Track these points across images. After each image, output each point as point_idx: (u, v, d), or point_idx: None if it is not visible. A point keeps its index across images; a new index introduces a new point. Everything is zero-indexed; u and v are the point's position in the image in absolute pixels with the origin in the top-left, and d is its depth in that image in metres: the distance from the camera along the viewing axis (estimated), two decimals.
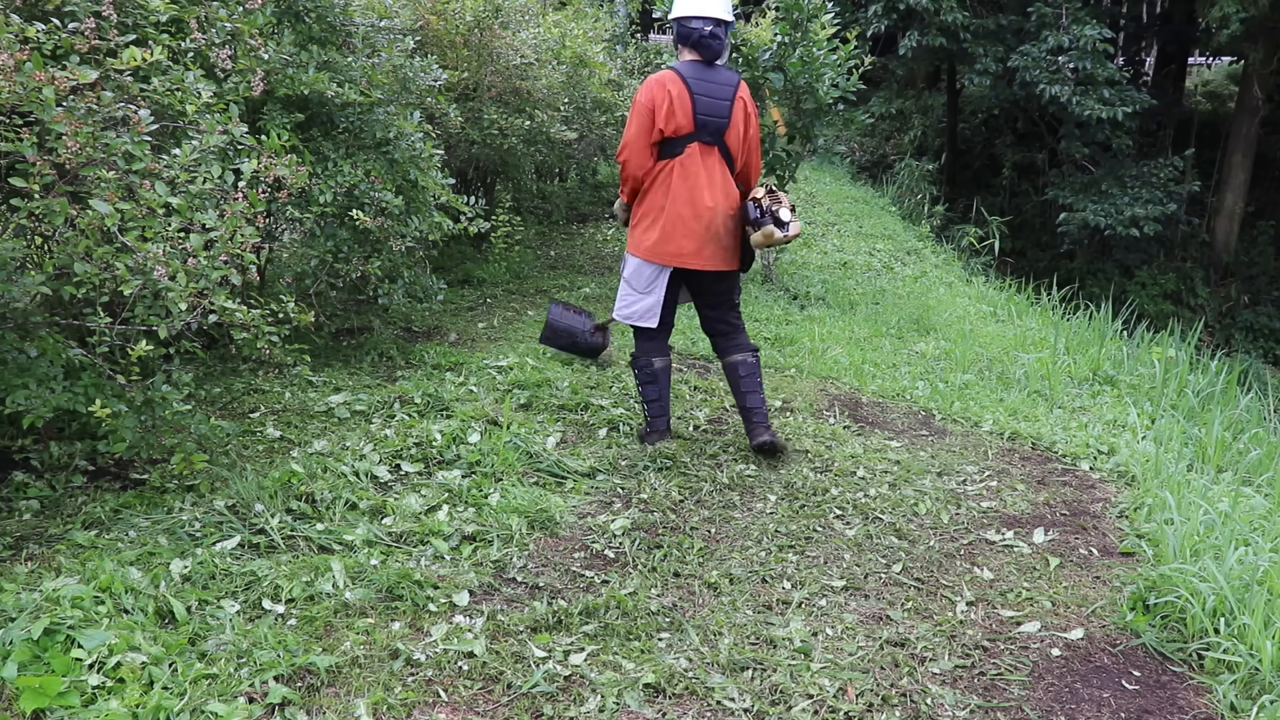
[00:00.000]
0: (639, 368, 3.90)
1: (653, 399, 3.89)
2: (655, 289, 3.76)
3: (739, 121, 3.67)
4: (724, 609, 2.72)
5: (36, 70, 2.44)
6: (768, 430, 3.82)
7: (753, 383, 3.82)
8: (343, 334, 5.24)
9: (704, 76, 3.62)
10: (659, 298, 3.77)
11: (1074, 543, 3.30)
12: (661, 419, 3.92)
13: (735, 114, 3.65)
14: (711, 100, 3.61)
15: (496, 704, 2.23)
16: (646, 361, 3.88)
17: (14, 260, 2.65)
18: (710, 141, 3.64)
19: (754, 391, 3.82)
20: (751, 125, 3.70)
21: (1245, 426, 4.81)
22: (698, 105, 3.59)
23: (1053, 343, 6.19)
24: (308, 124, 4.31)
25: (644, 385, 3.91)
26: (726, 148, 3.68)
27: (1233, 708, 2.36)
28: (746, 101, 3.69)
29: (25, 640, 2.12)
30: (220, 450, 3.39)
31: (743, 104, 3.67)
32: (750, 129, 3.70)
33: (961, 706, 2.33)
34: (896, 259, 9.84)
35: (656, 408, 3.91)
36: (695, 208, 3.64)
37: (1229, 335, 13.33)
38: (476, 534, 3.03)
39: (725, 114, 3.62)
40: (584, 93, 8.15)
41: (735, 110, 3.65)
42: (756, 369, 3.85)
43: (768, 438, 3.80)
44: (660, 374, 3.89)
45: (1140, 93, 12.31)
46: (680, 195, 3.65)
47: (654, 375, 3.87)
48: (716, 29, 3.60)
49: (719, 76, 3.64)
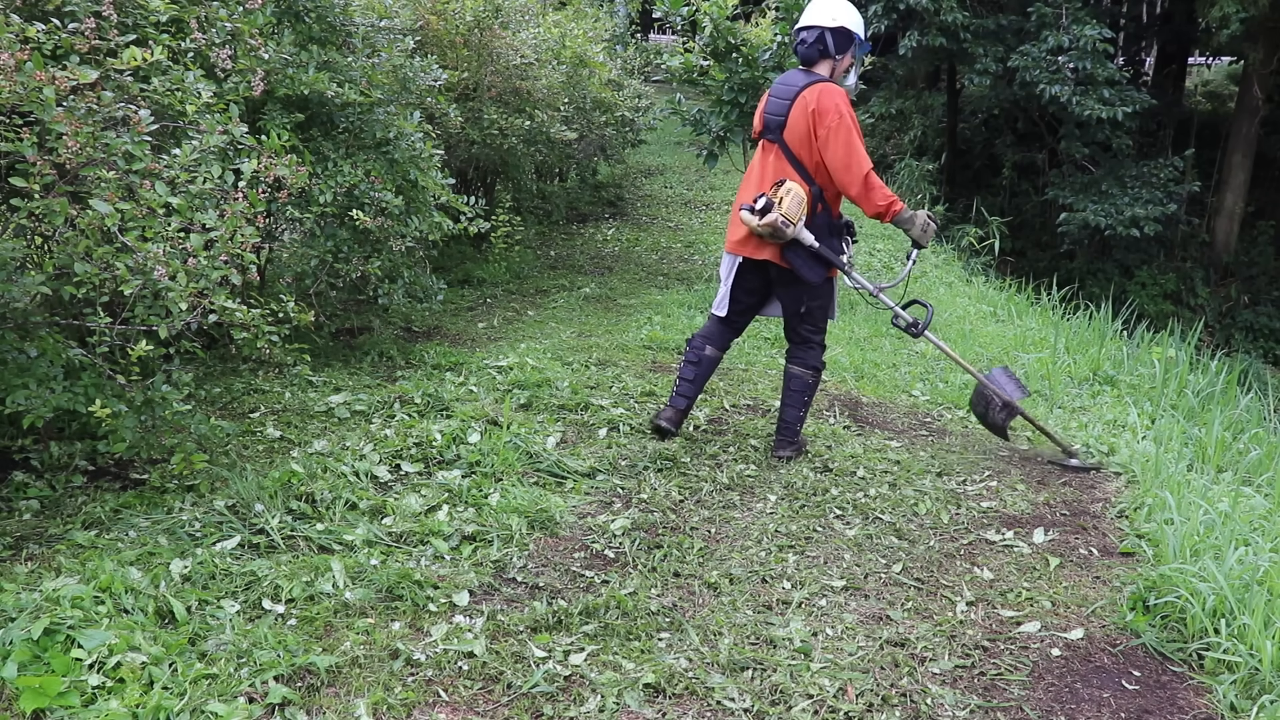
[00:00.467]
0: (691, 346, 4.05)
1: (686, 378, 4.02)
2: (727, 279, 3.95)
3: (797, 119, 3.69)
4: (724, 609, 2.72)
5: (37, 70, 2.44)
6: (788, 447, 3.96)
7: (795, 398, 3.93)
8: (343, 334, 5.24)
9: (785, 81, 3.81)
10: (727, 288, 3.95)
11: (1074, 543, 3.30)
12: (681, 399, 4.03)
13: (793, 112, 3.70)
14: (778, 100, 3.76)
15: (496, 704, 2.23)
16: (700, 344, 4.03)
17: (14, 260, 2.65)
18: (772, 139, 3.78)
19: (791, 405, 3.94)
20: (822, 123, 3.65)
21: (1245, 426, 4.80)
22: (768, 106, 3.80)
23: (1053, 343, 6.18)
24: (308, 124, 4.31)
25: (685, 364, 4.04)
26: (787, 145, 3.74)
27: (1233, 708, 2.36)
28: (811, 101, 3.66)
29: (25, 640, 2.12)
30: (220, 450, 3.39)
31: (804, 103, 3.68)
32: (820, 127, 3.65)
33: (961, 706, 2.33)
34: (896, 259, 9.84)
35: (685, 387, 4.02)
36: (745, 197, 3.80)
37: (1229, 335, 13.33)
38: (476, 534, 3.03)
39: (783, 113, 3.72)
40: (584, 93, 8.16)
41: (794, 109, 3.70)
42: (808, 387, 3.93)
43: (786, 453, 3.96)
44: (705, 361, 4.01)
45: (1140, 93, 12.31)
46: (741, 187, 3.91)
47: (699, 359, 4.01)
48: (807, 34, 3.76)
49: (795, 79, 3.77)
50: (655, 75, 11.38)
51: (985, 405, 4.13)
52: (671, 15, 6.99)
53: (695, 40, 6.94)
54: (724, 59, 6.81)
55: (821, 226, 3.76)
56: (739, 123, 6.92)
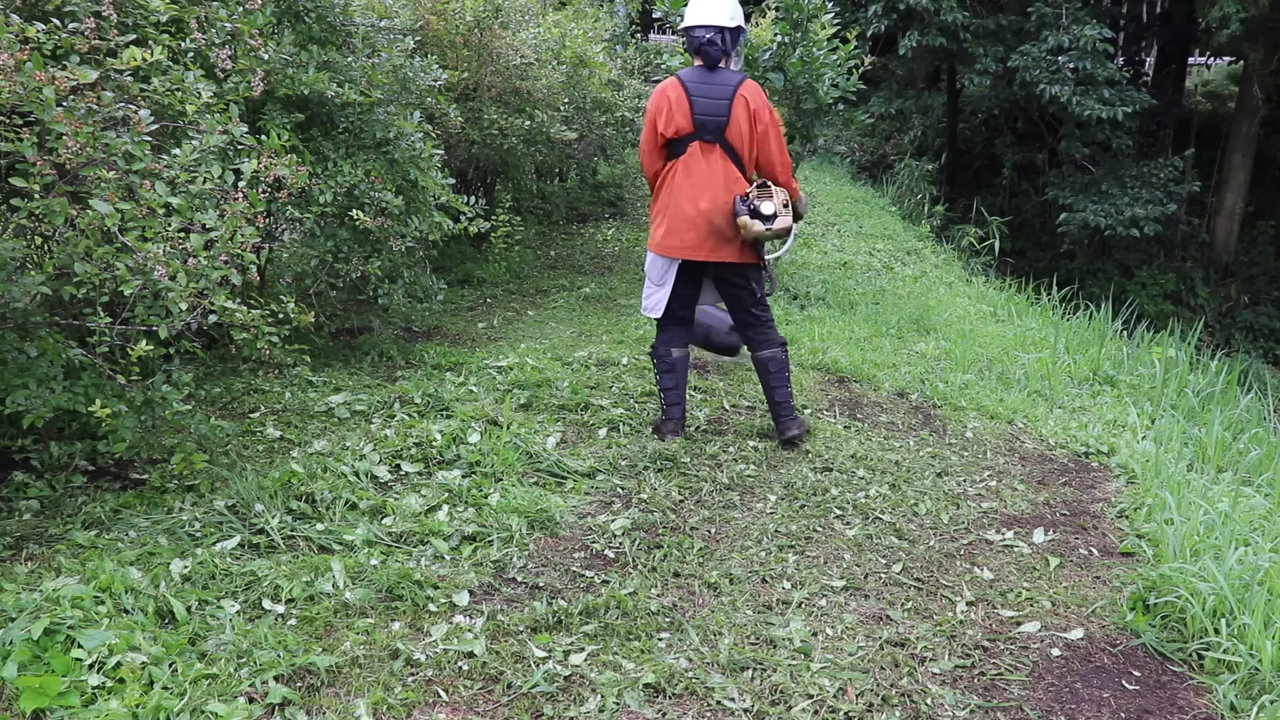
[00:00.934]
0: (657, 358, 4.10)
1: (667, 388, 4.07)
2: (666, 282, 3.98)
3: (740, 117, 3.79)
4: (724, 609, 2.72)
5: (36, 70, 2.44)
6: (795, 424, 4.05)
7: (780, 379, 4.03)
8: (343, 334, 5.24)
9: (704, 80, 3.82)
10: (667, 291, 3.98)
11: (1074, 543, 3.30)
12: (675, 408, 4.08)
13: (735, 111, 3.78)
14: (709, 100, 3.79)
15: (496, 704, 2.23)
16: (665, 352, 4.08)
17: (14, 260, 2.65)
18: (710, 139, 3.81)
19: (780, 387, 4.03)
20: (760, 121, 3.81)
21: (1245, 426, 4.81)
22: (695, 106, 3.79)
23: (1053, 343, 6.18)
24: (308, 124, 4.31)
25: (660, 375, 4.10)
26: (729, 144, 3.82)
27: (1233, 708, 2.36)
28: (749, 99, 3.79)
29: (25, 640, 2.12)
30: (220, 450, 3.39)
31: (744, 101, 3.79)
32: (758, 125, 3.81)
33: (961, 706, 2.33)
34: (896, 259, 9.84)
35: (672, 395, 4.07)
36: (695, 203, 3.82)
37: (1229, 335, 13.33)
38: (476, 534, 3.03)
39: (724, 112, 3.77)
40: (584, 93, 8.15)
41: (735, 108, 3.78)
42: (784, 365, 4.04)
43: (795, 431, 4.04)
44: (677, 364, 4.07)
45: (1140, 93, 12.31)
46: (683, 192, 3.85)
47: (670, 365, 4.06)
48: (714, 35, 3.79)
49: (719, 78, 3.82)
50: (655, 75, 11.37)
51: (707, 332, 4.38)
52: (671, 15, 6.99)
53: None
54: None
55: None
56: None
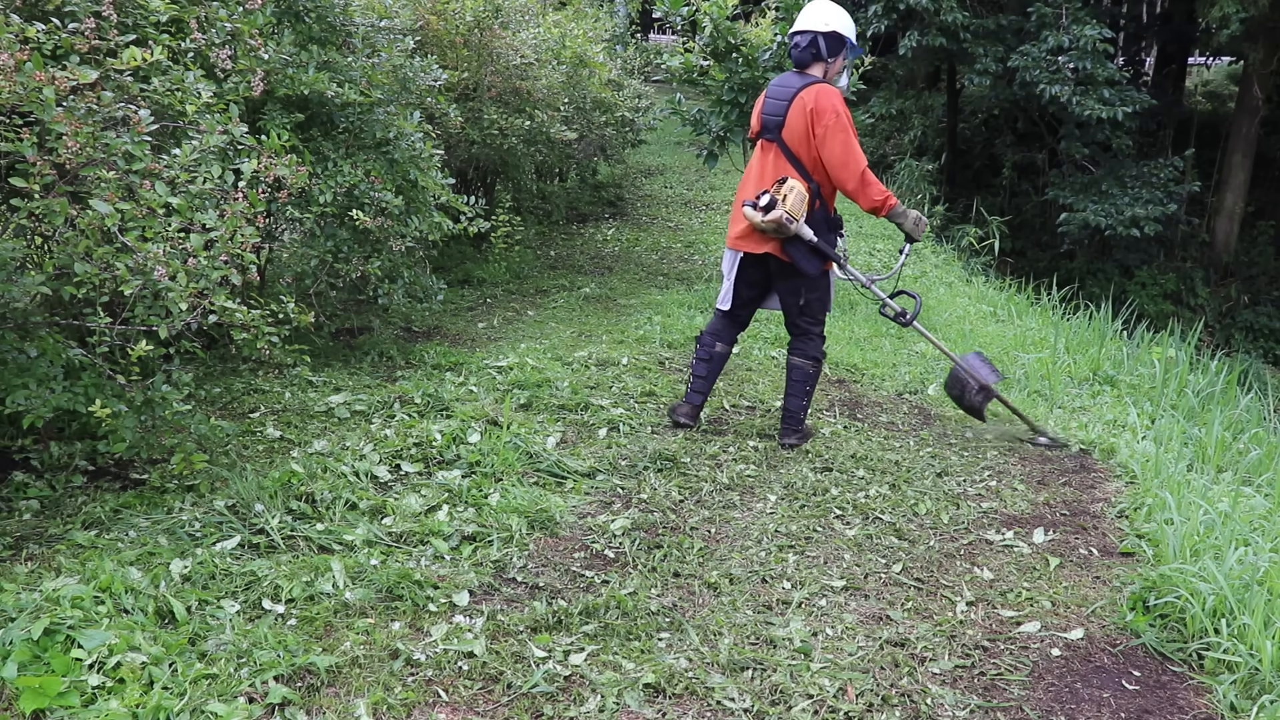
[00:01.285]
0: (701, 343, 4.22)
1: (699, 375, 4.20)
2: (730, 274, 4.12)
3: (795, 119, 3.85)
4: (724, 609, 2.72)
5: (36, 70, 2.44)
6: (793, 434, 4.12)
7: (797, 388, 4.10)
8: (343, 334, 5.24)
9: (782, 83, 3.97)
10: (731, 283, 4.12)
11: (1074, 543, 3.30)
12: (697, 395, 4.21)
13: (791, 112, 3.86)
14: (775, 101, 3.93)
15: (496, 704, 2.23)
16: (710, 341, 4.20)
17: (14, 260, 2.65)
18: (770, 138, 3.94)
19: (794, 395, 4.11)
20: (819, 122, 3.81)
21: (1245, 426, 4.80)
22: (765, 107, 3.97)
23: (1053, 343, 6.18)
24: (308, 124, 4.31)
25: (696, 361, 4.22)
26: (785, 144, 3.90)
27: (1233, 708, 2.36)
28: (808, 102, 3.82)
29: (25, 640, 2.12)
30: (220, 450, 3.39)
31: (802, 104, 3.84)
32: (816, 126, 3.82)
33: (961, 706, 2.33)
34: (896, 259, 9.84)
35: (699, 384, 4.21)
36: (746, 195, 3.96)
37: (1229, 335, 13.32)
38: (476, 534, 3.03)
39: (782, 113, 3.89)
40: (584, 93, 8.16)
41: (792, 109, 3.86)
42: (809, 377, 4.09)
43: (790, 441, 4.11)
44: (715, 357, 4.20)
45: (1140, 93, 12.30)
46: (742, 185, 4.06)
47: (710, 355, 4.19)
48: (801, 39, 3.93)
49: (792, 81, 3.93)
50: (655, 75, 11.38)
51: (961, 389, 4.37)
52: (671, 15, 6.99)
53: (695, 40, 6.94)
54: (724, 59, 6.81)
55: (819, 221, 3.92)
56: (739, 123, 6.91)
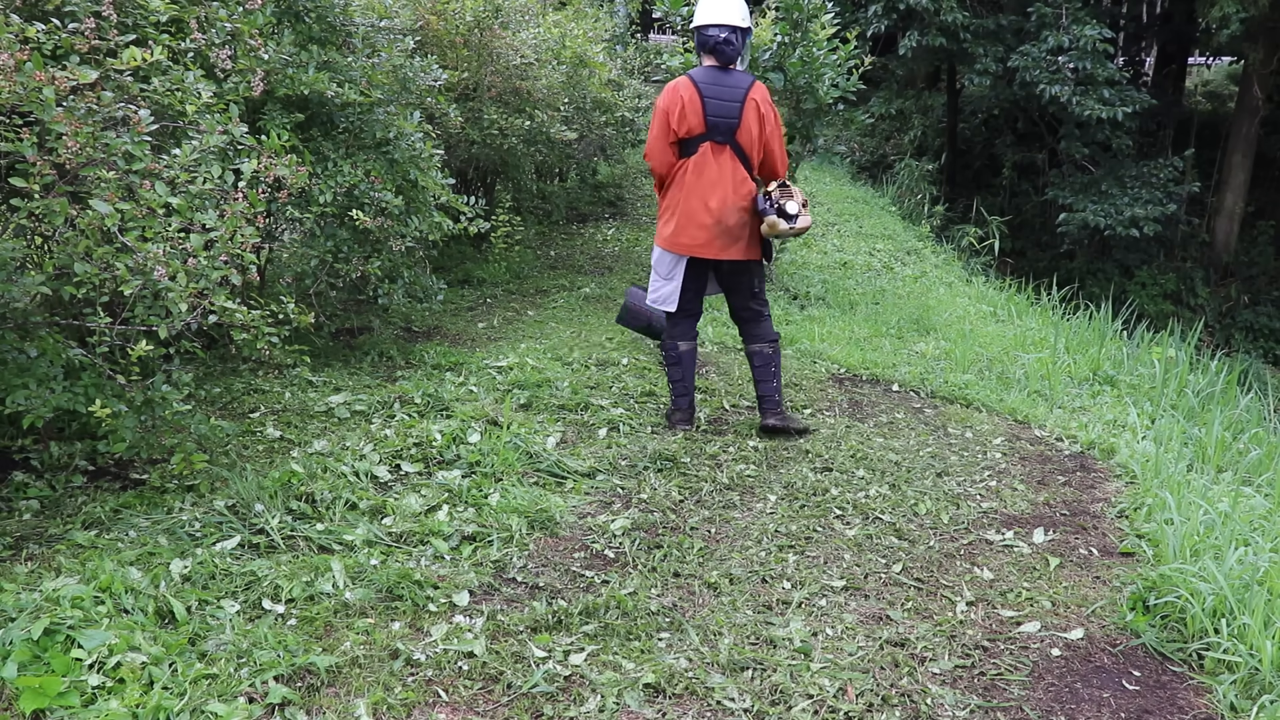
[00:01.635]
0: (665, 350, 4.23)
1: (676, 379, 4.20)
2: (675, 276, 4.09)
3: (750, 121, 3.88)
4: (724, 609, 2.72)
5: (36, 70, 2.44)
6: (774, 415, 4.14)
7: (765, 372, 4.14)
8: (343, 334, 5.24)
9: (717, 80, 3.88)
10: (678, 285, 4.09)
11: (1074, 543, 3.30)
12: (684, 399, 4.21)
13: (746, 114, 3.87)
14: (721, 102, 3.86)
15: (496, 704, 2.23)
16: (672, 344, 4.19)
17: (14, 260, 2.65)
18: (721, 141, 3.90)
19: (765, 381, 4.14)
20: (767, 124, 3.92)
21: (1245, 426, 4.80)
22: (708, 107, 3.86)
23: (1053, 343, 6.18)
24: (308, 124, 4.31)
25: (669, 367, 4.22)
26: (739, 146, 3.91)
27: (1233, 708, 2.36)
28: (759, 102, 3.89)
29: (25, 640, 2.12)
30: (220, 450, 3.39)
31: (754, 104, 3.88)
32: (765, 127, 3.92)
33: (961, 706, 2.33)
34: (896, 259, 9.84)
35: (680, 388, 4.20)
36: (705, 202, 3.93)
37: (1229, 335, 13.33)
38: (476, 534, 3.03)
39: (735, 115, 3.86)
40: (584, 93, 8.15)
41: (746, 110, 3.86)
42: (772, 358, 4.15)
43: (772, 422, 4.13)
44: (684, 356, 4.18)
45: (1140, 93, 12.31)
46: (693, 191, 3.95)
47: (678, 358, 4.18)
48: (730, 35, 3.86)
49: (731, 80, 3.88)
50: (655, 75, 11.37)
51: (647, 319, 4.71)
52: (671, 15, 6.98)
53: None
54: None
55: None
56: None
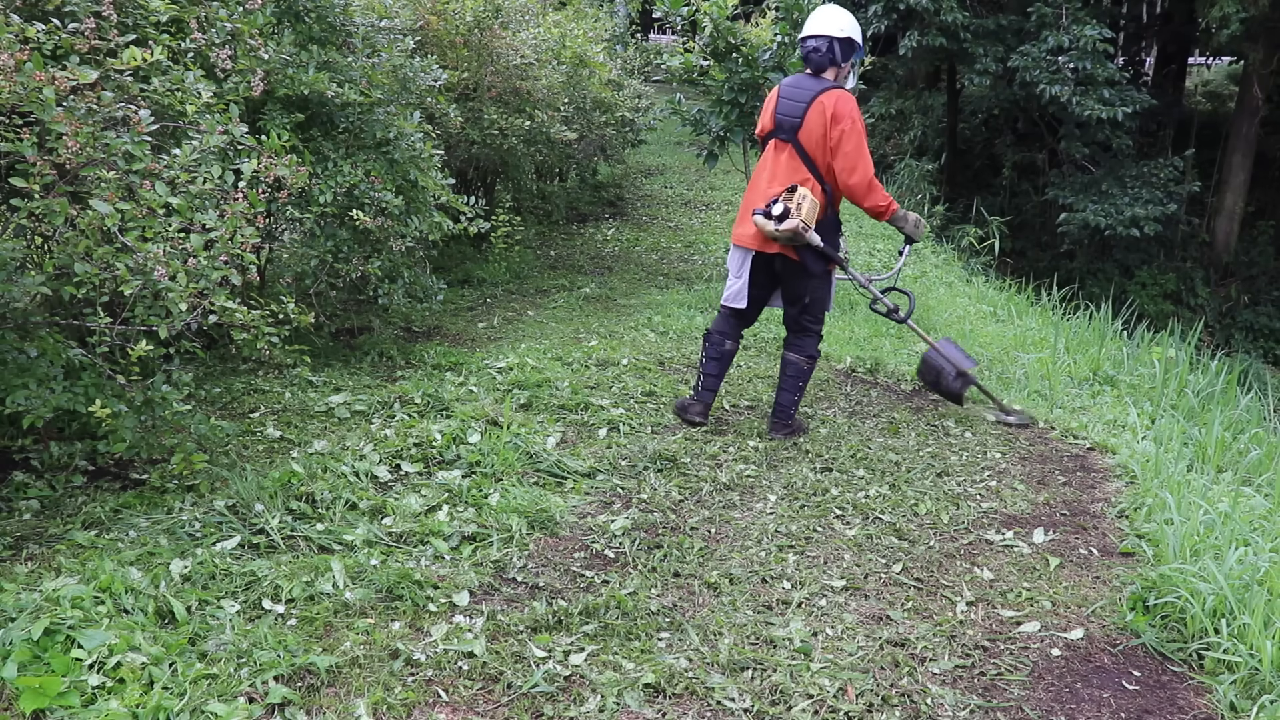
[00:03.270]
0: (710, 342, 4.27)
1: (710, 374, 4.26)
2: (742, 273, 4.16)
3: (813, 123, 3.95)
4: (724, 609, 2.72)
5: (36, 70, 2.44)
6: (782, 428, 4.21)
7: (790, 383, 4.21)
8: (343, 334, 5.24)
9: (797, 84, 4.06)
10: (745, 282, 4.16)
11: (1074, 543, 3.30)
12: (709, 393, 4.27)
13: (809, 116, 3.96)
14: (791, 103, 4.02)
15: (496, 704, 2.23)
16: (720, 339, 4.26)
17: (14, 260, 2.65)
18: (785, 139, 4.03)
19: (786, 390, 4.21)
20: (836, 127, 3.93)
21: (1245, 426, 4.80)
22: (780, 107, 4.05)
23: (1053, 343, 6.18)
24: (308, 124, 4.31)
25: (707, 360, 4.27)
26: (801, 146, 4.00)
27: (1233, 708, 2.36)
28: (828, 106, 3.94)
29: (25, 640, 2.12)
30: (220, 450, 3.39)
31: (821, 107, 3.95)
32: (833, 131, 3.93)
33: (961, 706, 2.33)
34: (895, 259, 9.83)
35: (710, 382, 4.26)
36: (757, 194, 4.05)
37: (1229, 335, 13.33)
38: (476, 534, 3.03)
39: (799, 115, 3.99)
40: (584, 93, 8.16)
41: (810, 112, 3.96)
42: (802, 373, 4.21)
43: (778, 434, 4.21)
44: (726, 355, 4.27)
45: (1140, 93, 12.30)
46: (754, 184, 4.13)
47: (720, 354, 4.26)
48: (820, 44, 4.02)
49: (809, 84, 4.03)
50: (655, 75, 11.37)
51: (937, 375, 4.58)
52: (671, 15, 6.98)
53: (695, 40, 6.94)
54: (724, 59, 6.81)
55: (828, 223, 4.08)
56: (739, 123, 6.91)
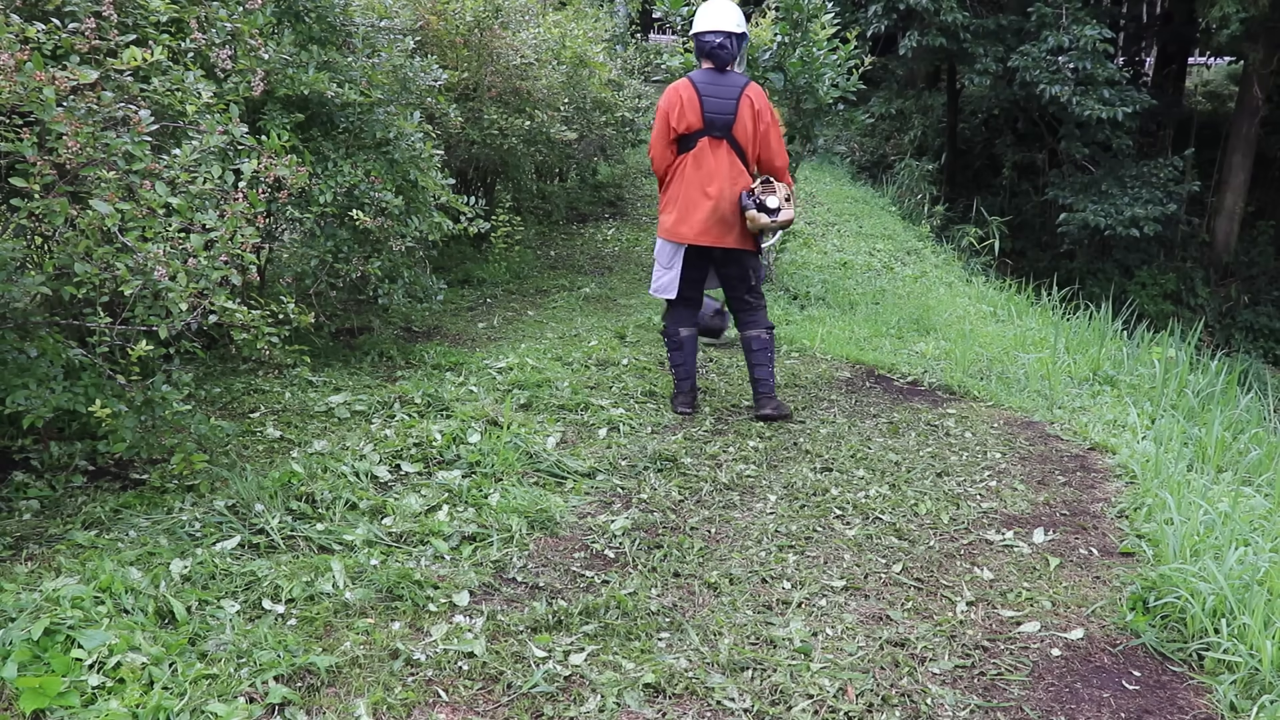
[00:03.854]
0: (667, 336, 4.48)
1: (677, 364, 4.46)
2: (674, 265, 4.33)
3: (745, 117, 4.16)
4: (724, 609, 2.72)
5: (37, 70, 2.44)
6: (769, 403, 4.35)
7: (762, 357, 4.36)
8: (343, 334, 5.24)
9: (714, 81, 4.19)
10: (677, 273, 4.33)
11: (1074, 543, 3.30)
12: (685, 381, 4.45)
13: (741, 110, 4.15)
14: (718, 100, 4.16)
15: (496, 704, 2.23)
16: (674, 330, 4.45)
17: (14, 260, 2.65)
18: (719, 136, 4.18)
19: (762, 365, 4.36)
20: (762, 120, 4.19)
21: (1245, 426, 4.80)
22: (705, 105, 4.15)
23: (1053, 343, 6.18)
24: (308, 124, 4.31)
25: (670, 352, 4.47)
26: (735, 141, 4.19)
27: (1233, 708, 2.36)
28: (754, 99, 4.17)
29: (25, 640, 2.12)
30: (220, 450, 3.39)
31: (749, 101, 4.16)
32: (760, 124, 4.19)
33: (961, 706, 2.33)
34: (896, 259, 9.85)
35: (681, 371, 4.46)
36: (704, 190, 4.19)
37: (1229, 335, 13.33)
38: (476, 534, 3.03)
39: (731, 111, 4.15)
40: (584, 93, 8.16)
41: (741, 107, 4.15)
42: (768, 345, 4.38)
43: (768, 410, 4.34)
44: (685, 342, 4.44)
45: (1140, 93, 12.31)
46: (692, 182, 4.22)
47: (679, 343, 4.44)
48: (725, 40, 4.16)
49: (727, 80, 4.19)
50: (655, 75, 11.37)
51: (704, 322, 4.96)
52: (671, 15, 6.99)
53: None
54: None
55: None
56: None
